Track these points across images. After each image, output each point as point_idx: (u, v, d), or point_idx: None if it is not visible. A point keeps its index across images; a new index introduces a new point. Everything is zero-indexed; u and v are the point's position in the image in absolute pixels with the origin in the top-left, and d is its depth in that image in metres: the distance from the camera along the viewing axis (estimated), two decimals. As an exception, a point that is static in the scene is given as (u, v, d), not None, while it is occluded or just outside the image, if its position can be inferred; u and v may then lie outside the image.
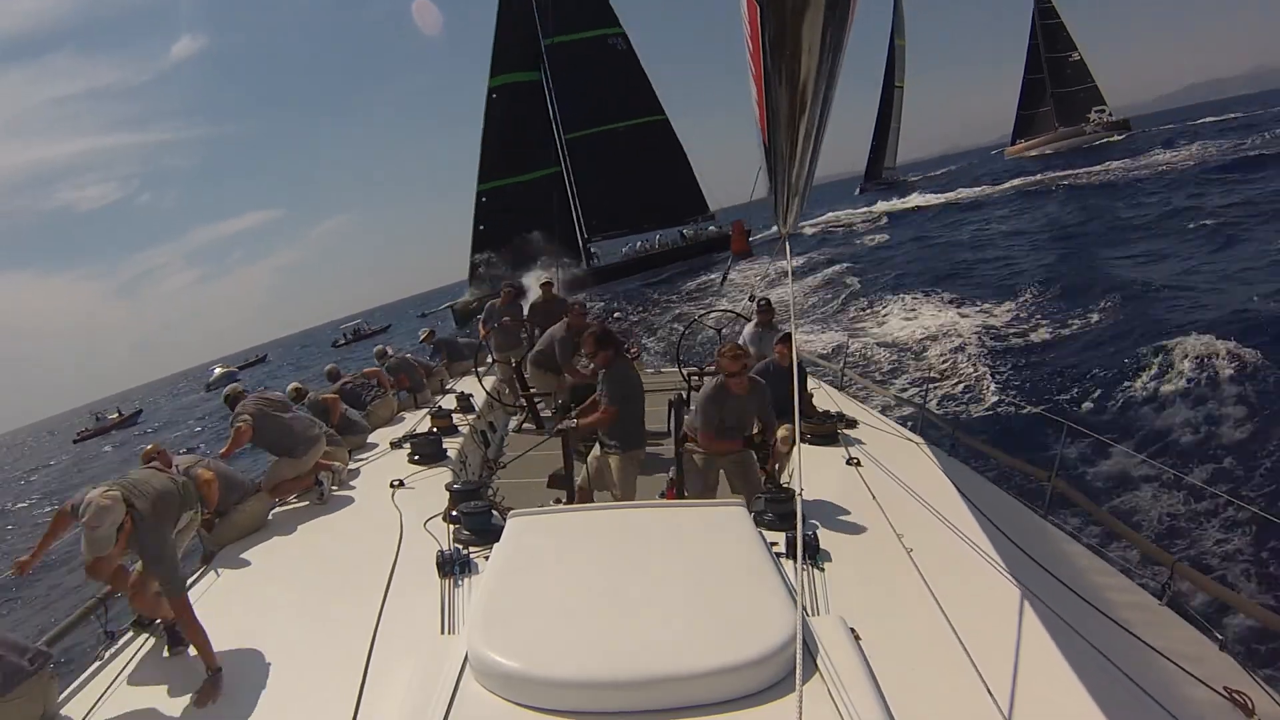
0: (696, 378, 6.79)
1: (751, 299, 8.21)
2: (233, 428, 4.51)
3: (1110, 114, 59.61)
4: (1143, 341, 10.30)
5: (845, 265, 23.93)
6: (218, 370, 54.87)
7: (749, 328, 6.04)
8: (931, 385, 9.86)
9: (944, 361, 11.63)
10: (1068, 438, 3.78)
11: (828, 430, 4.65)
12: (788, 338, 4.84)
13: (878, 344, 13.62)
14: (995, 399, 9.33)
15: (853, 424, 4.94)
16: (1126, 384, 9.20)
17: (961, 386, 10.28)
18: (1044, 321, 12.58)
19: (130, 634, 3.00)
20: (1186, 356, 9.05)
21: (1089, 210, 24.14)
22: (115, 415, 44.16)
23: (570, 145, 30.66)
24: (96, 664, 2.81)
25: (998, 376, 10.66)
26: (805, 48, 1.22)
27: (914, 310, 15.60)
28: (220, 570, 3.50)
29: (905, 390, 10.35)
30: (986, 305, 14.42)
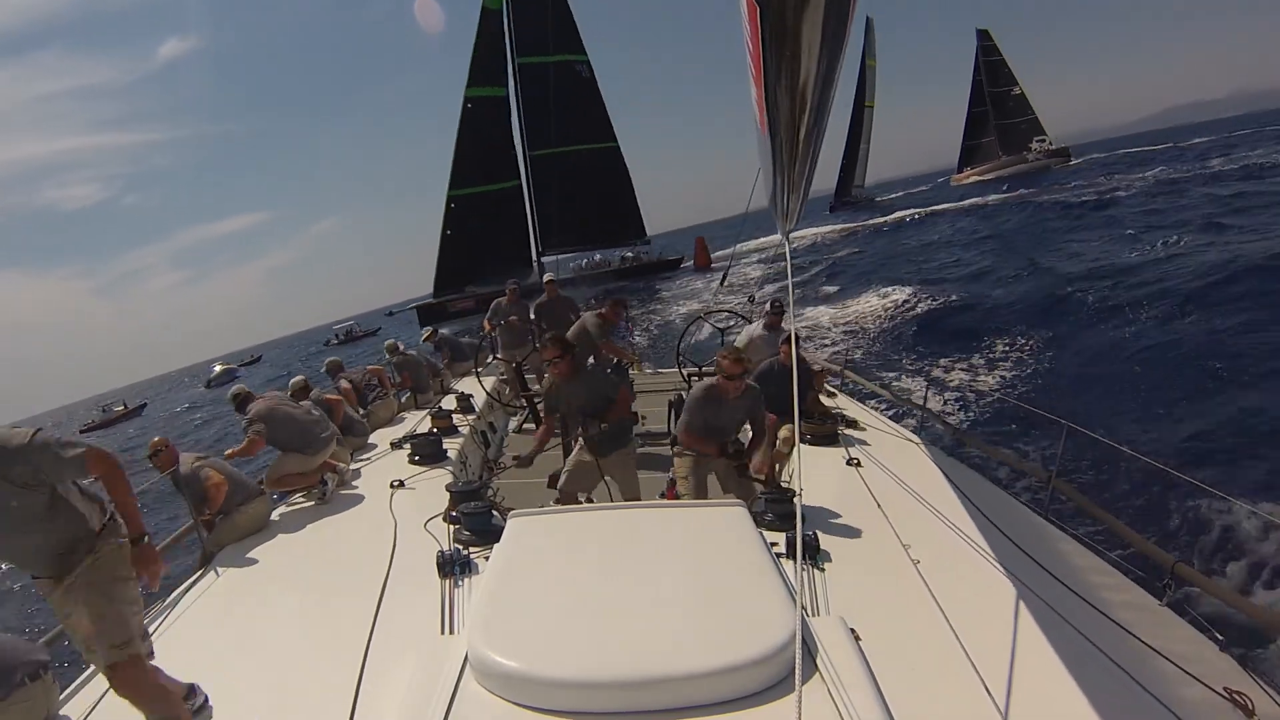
0: (696, 377, 6.80)
1: (751, 300, 8.22)
2: (246, 433, 4.49)
3: (1050, 143, 64.24)
4: (1139, 339, 10.33)
5: (820, 270, 25.79)
6: (218, 368, 56.23)
7: (756, 327, 6.00)
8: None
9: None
10: (1067, 438, 3.78)
11: (828, 430, 4.65)
12: (791, 338, 4.83)
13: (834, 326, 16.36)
14: (995, 399, 9.34)
15: (853, 424, 4.94)
16: (1123, 382, 9.22)
17: (960, 386, 10.30)
18: (1032, 319, 13.02)
19: None
20: (1180, 358, 9.08)
21: (1044, 223, 26.71)
22: (121, 408, 45.05)
23: (533, 162, 32.31)
24: None
25: (994, 375, 10.69)
26: (805, 47, 1.22)
27: (883, 298, 17.73)
28: (220, 570, 3.50)
29: (905, 390, 10.36)
30: (967, 303, 15.52)
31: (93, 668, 2.77)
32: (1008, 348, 11.95)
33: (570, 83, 31.51)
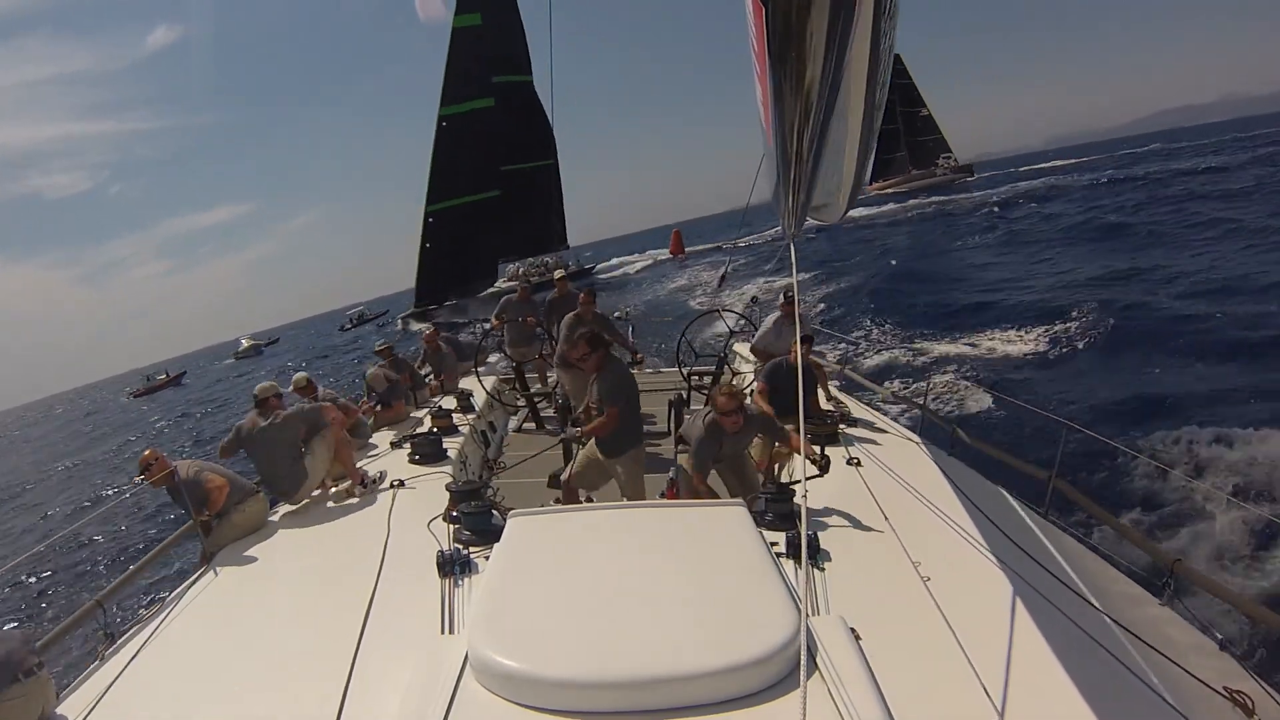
0: (697, 378, 6.80)
1: (754, 301, 8.23)
2: None
3: (955, 160, 72.07)
4: (1141, 336, 10.36)
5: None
6: (245, 342, 62.92)
7: (770, 319, 6.04)
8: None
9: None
10: (1068, 437, 3.78)
11: (828, 430, 4.65)
12: (807, 339, 4.88)
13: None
14: (996, 398, 9.36)
15: (853, 424, 4.94)
16: (1122, 382, 9.23)
17: (960, 385, 10.32)
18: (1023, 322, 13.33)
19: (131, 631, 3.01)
20: (1180, 356, 9.11)
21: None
22: (164, 376, 51.02)
23: (506, 175, 33.83)
24: (96, 663, 2.81)
25: (994, 376, 10.71)
26: (810, 49, 1.21)
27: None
28: (219, 570, 3.50)
29: (905, 389, 10.38)
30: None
31: (91, 667, 2.77)
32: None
33: (524, 102, 32.57)
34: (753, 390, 5.07)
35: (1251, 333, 10.41)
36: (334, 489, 4.56)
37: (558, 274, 7.83)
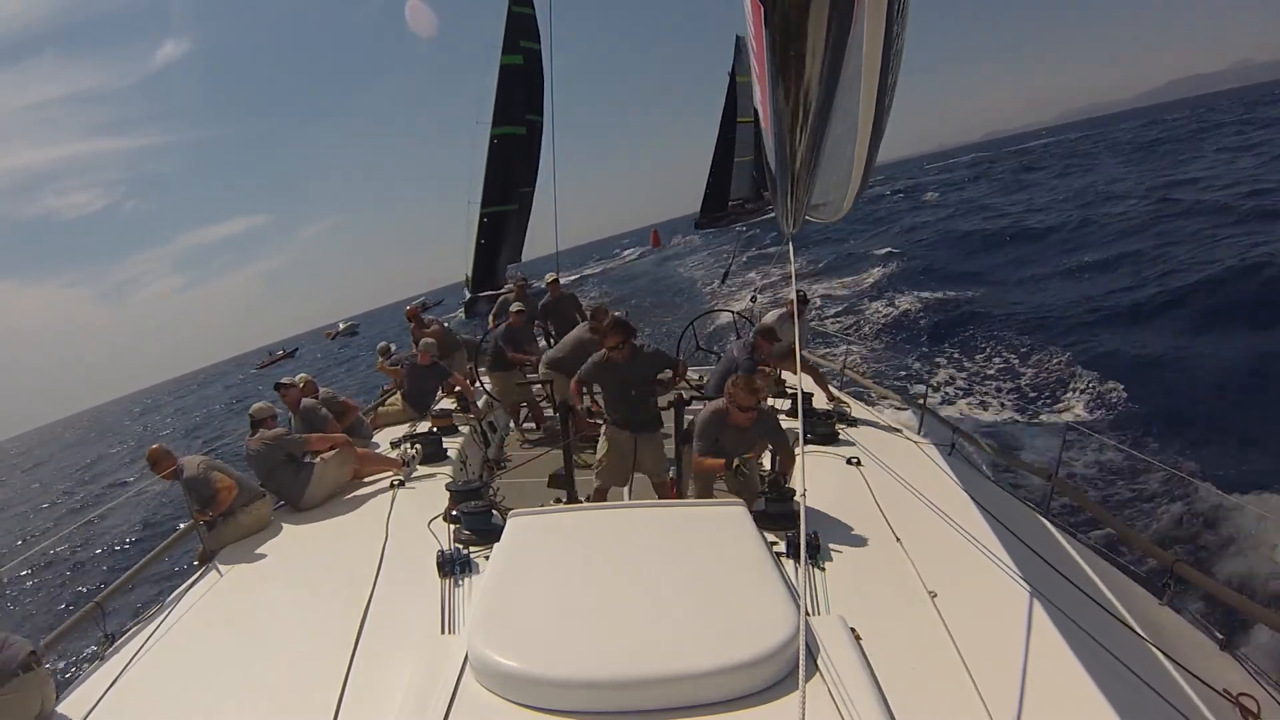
0: (698, 377, 6.79)
1: (753, 299, 8.24)
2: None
3: None
4: (1140, 332, 10.34)
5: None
6: (342, 325, 74.24)
7: (772, 316, 6.07)
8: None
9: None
10: (1068, 437, 3.78)
11: (828, 430, 4.64)
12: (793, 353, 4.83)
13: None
14: (997, 398, 9.36)
15: (853, 424, 4.93)
16: (1123, 381, 9.22)
17: (962, 385, 10.31)
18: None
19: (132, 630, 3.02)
20: (1180, 353, 9.10)
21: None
22: (281, 353, 62.84)
23: (520, 194, 40.87)
24: (96, 663, 2.81)
25: (995, 375, 10.70)
26: (809, 49, 1.21)
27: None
28: (220, 569, 3.50)
29: (905, 389, 10.39)
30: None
31: (91, 667, 2.77)
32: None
33: (537, 137, 39.10)
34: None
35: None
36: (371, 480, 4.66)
37: (549, 278, 7.98)
